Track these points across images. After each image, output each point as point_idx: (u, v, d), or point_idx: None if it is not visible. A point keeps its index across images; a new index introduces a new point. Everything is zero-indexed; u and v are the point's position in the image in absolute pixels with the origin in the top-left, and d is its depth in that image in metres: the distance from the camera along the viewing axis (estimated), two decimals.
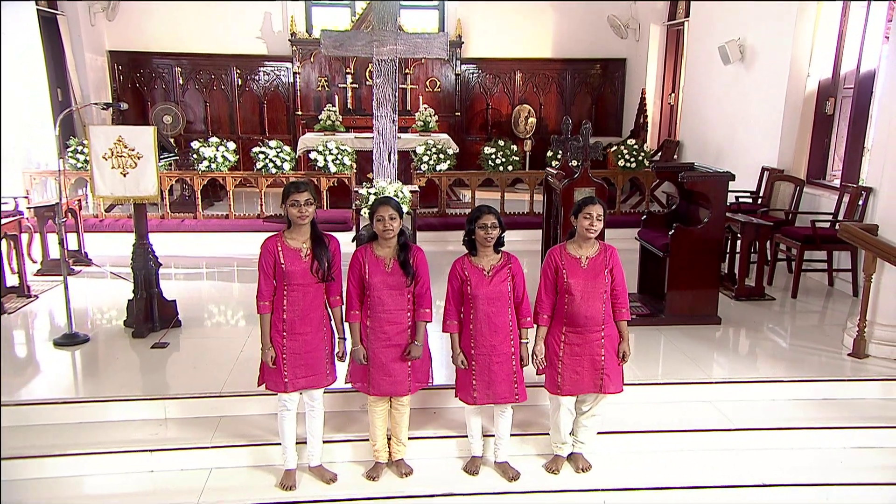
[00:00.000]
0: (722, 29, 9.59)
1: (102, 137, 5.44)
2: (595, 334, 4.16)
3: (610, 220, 8.86)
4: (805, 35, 8.03)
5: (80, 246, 8.11)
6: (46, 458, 4.34)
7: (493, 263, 4.18)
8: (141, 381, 5.08)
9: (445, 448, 4.58)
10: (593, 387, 4.22)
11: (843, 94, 7.95)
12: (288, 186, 4.08)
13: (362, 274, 4.11)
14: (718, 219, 6.05)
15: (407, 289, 4.14)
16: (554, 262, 4.21)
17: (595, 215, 4.10)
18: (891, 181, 5.46)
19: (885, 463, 4.67)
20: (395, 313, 4.13)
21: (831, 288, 7.31)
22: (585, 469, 4.44)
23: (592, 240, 4.20)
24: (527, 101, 13.44)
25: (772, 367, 5.43)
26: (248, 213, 9.57)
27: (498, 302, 4.15)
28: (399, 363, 4.17)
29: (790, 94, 8.22)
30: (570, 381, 4.20)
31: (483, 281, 4.14)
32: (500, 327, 4.16)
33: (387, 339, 4.13)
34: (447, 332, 4.25)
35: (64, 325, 5.72)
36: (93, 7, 11.69)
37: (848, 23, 7.75)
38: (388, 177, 7.78)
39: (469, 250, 4.24)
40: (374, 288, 4.09)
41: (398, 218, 4.09)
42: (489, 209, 4.16)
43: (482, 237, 4.10)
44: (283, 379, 4.08)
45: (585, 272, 4.15)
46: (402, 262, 4.11)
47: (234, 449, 4.45)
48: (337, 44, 7.69)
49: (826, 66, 8.03)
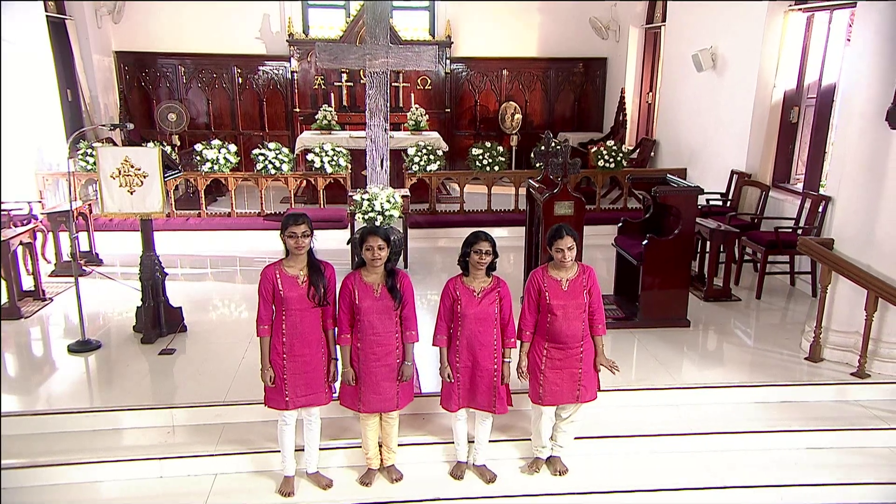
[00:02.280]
0: (695, 36, 9.57)
1: (110, 158, 5.45)
2: (575, 349, 4.25)
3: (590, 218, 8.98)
4: (772, 47, 8.04)
5: (92, 247, 8.13)
6: (63, 466, 4.42)
7: (483, 286, 4.24)
8: (150, 388, 5.14)
9: (433, 453, 4.67)
10: (572, 397, 4.32)
11: (807, 103, 8.01)
12: (286, 218, 4.11)
13: (352, 299, 4.16)
14: (688, 229, 6.13)
15: (394, 312, 4.20)
16: (537, 283, 4.28)
17: (566, 248, 4.16)
18: (846, 198, 5.53)
19: (838, 462, 4.79)
20: (383, 335, 4.19)
21: (793, 288, 7.40)
22: (562, 473, 4.55)
23: (569, 265, 4.26)
24: (513, 98, 13.39)
25: (735, 370, 5.54)
26: (249, 211, 9.59)
27: (485, 322, 4.22)
28: (388, 382, 4.23)
29: (758, 103, 8.25)
30: (551, 392, 4.30)
31: (472, 301, 4.20)
32: (484, 345, 4.23)
33: (376, 360, 4.19)
34: (436, 345, 4.33)
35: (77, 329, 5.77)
36: (99, 10, 11.57)
37: (811, 37, 7.78)
38: (380, 183, 7.80)
39: (462, 270, 4.29)
40: (364, 312, 4.15)
41: (386, 247, 4.14)
42: (486, 236, 4.21)
43: (475, 261, 4.17)
44: (284, 398, 4.15)
45: (566, 293, 4.22)
46: (390, 287, 4.17)
47: (237, 456, 4.53)
48: (332, 56, 7.66)
49: (791, 77, 8.06)
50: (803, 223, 7.15)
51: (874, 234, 5.30)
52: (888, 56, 4.99)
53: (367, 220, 7.41)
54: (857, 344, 5.41)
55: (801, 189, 7.80)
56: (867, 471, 4.70)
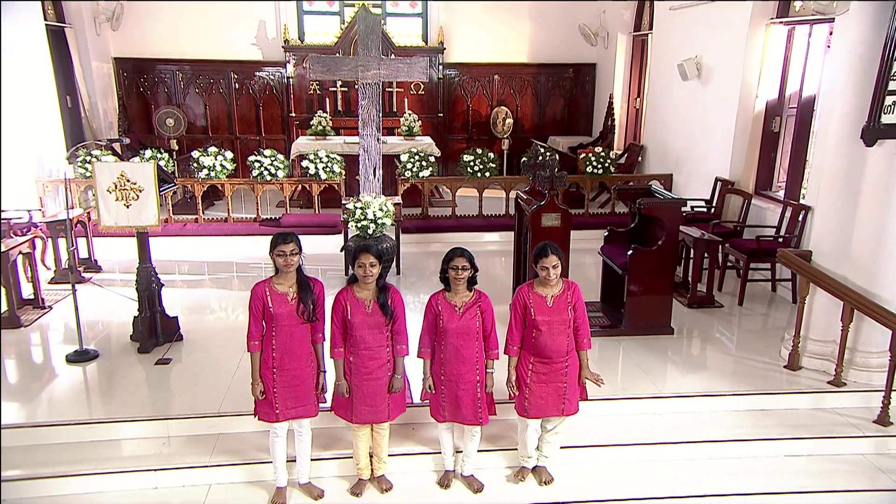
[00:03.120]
0: (681, 45, 9.58)
1: (107, 172, 5.45)
2: (559, 364, 4.27)
3: (579, 223, 9.02)
4: (754, 58, 8.07)
5: (90, 253, 8.11)
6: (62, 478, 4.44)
7: (465, 300, 4.26)
8: (147, 398, 5.14)
9: (422, 463, 4.71)
10: (557, 410, 4.35)
11: (788, 112, 8.05)
12: (275, 237, 4.12)
13: (345, 315, 4.18)
14: (671, 240, 6.15)
15: (386, 327, 4.22)
16: (523, 300, 4.29)
17: (550, 266, 4.17)
18: (824, 212, 5.55)
19: (814, 469, 4.84)
20: (375, 349, 4.21)
21: (774, 294, 7.44)
22: (548, 482, 4.59)
23: (554, 283, 4.27)
24: (504, 103, 13.40)
25: (717, 379, 5.57)
26: (245, 217, 9.59)
27: (467, 336, 4.24)
28: (380, 394, 4.26)
29: (741, 112, 8.27)
30: (536, 405, 4.33)
31: (454, 316, 4.23)
32: (467, 359, 4.26)
33: (368, 373, 4.22)
34: (421, 357, 4.36)
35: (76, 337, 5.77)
36: (98, 17, 11.51)
37: (793, 49, 7.80)
38: (373, 191, 7.80)
39: (444, 286, 4.31)
40: (356, 327, 4.17)
41: (378, 264, 4.16)
42: (462, 252, 4.23)
43: (453, 277, 4.20)
44: (274, 410, 4.17)
45: (551, 309, 4.24)
46: (382, 303, 4.19)
47: (231, 467, 4.55)
48: (325, 68, 7.65)
49: (773, 88, 8.09)
50: (784, 232, 7.18)
51: (850, 247, 5.34)
52: (862, 75, 5.00)
53: (359, 227, 7.41)
54: (835, 353, 5.45)
55: (783, 197, 7.84)
56: (842, 478, 4.75)
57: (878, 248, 5.22)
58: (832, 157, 5.40)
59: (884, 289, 5.26)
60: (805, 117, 7.67)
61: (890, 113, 4.86)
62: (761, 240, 7.00)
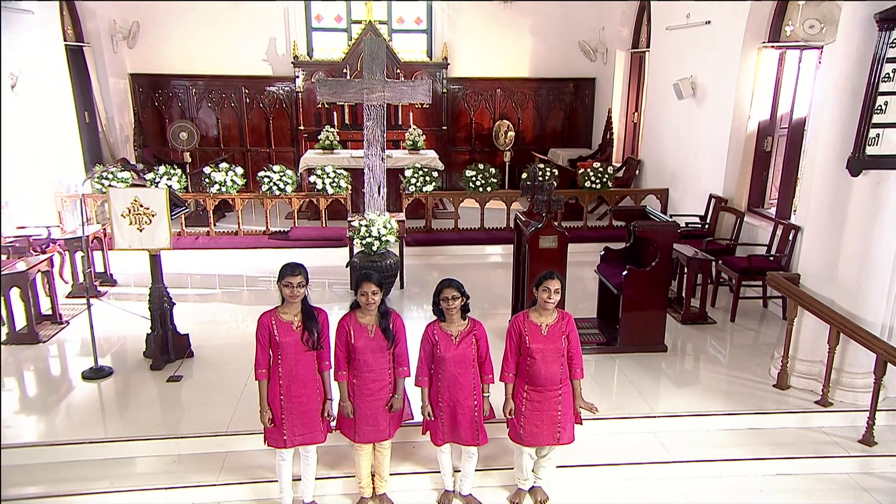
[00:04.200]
0: (677, 64, 9.60)
1: (121, 198, 5.51)
2: (553, 392, 4.29)
3: (577, 236, 9.04)
4: (747, 80, 8.07)
5: (106, 267, 8.18)
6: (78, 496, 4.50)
7: (460, 329, 4.30)
8: (158, 416, 5.20)
9: (422, 482, 4.75)
10: (552, 439, 4.36)
11: (780, 133, 8.07)
12: (283, 269, 4.16)
13: (348, 339, 4.23)
14: (665, 261, 6.17)
15: (388, 351, 4.27)
16: (518, 328, 4.32)
17: (553, 289, 4.20)
18: (811, 236, 5.57)
19: (800, 488, 4.86)
20: (377, 372, 4.26)
21: (765, 310, 7.46)
22: (544, 502, 4.62)
23: (551, 309, 4.30)
24: (506, 116, 13.42)
25: (709, 397, 5.59)
26: (255, 229, 9.64)
27: (463, 364, 4.28)
28: (382, 414, 4.32)
29: (734, 131, 8.28)
30: (531, 433, 4.34)
31: (451, 345, 4.26)
32: (464, 385, 4.30)
33: (370, 395, 4.27)
34: (419, 385, 4.39)
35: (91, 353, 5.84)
36: (115, 36, 11.58)
37: (784, 72, 7.81)
38: (377, 209, 7.84)
39: (438, 317, 4.34)
40: (359, 351, 4.22)
41: (379, 292, 4.21)
42: (450, 283, 4.26)
43: (445, 308, 4.24)
44: (282, 437, 4.23)
45: (545, 338, 4.27)
46: (384, 328, 4.24)
47: (238, 486, 4.60)
48: (332, 91, 7.70)
49: (765, 109, 8.10)
50: (775, 250, 7.20)
51: (837, 271, 5.36)
52: (848, 107, 5.02)
53: (364, 244, 7.46)
54: (822, 373, 5.46)
55: (775, 214, 7.85)
56: (827, 497, 4.78)
57: (863, 272, 5.23)
58: (819, 183, 5.42)
59: (868, 311, 5.28)
60: (796, 138, 7.69)
61: (874, 145, 4.88)
62: (753, 258, 7.02)
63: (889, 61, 4.71)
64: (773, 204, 8.19)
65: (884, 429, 5.25)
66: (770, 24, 7.82)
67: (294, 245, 9.07)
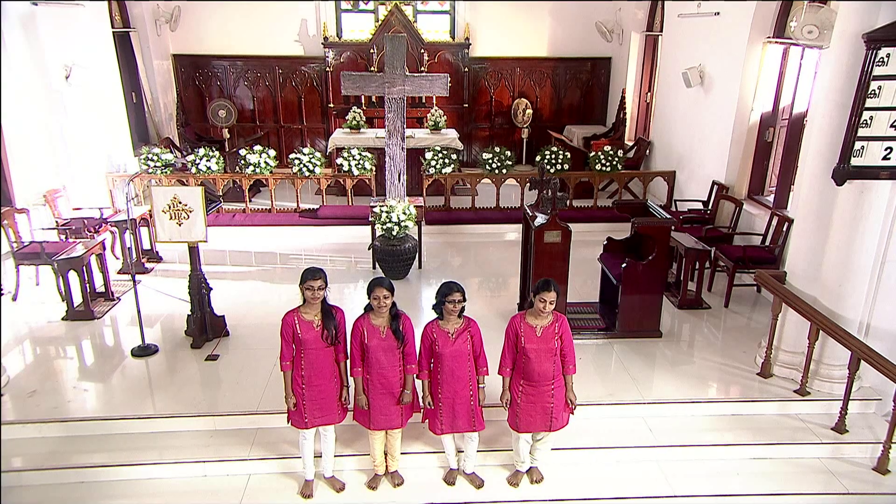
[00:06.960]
0: (687, 51, 9.45)
1: (162, 196, 5.75)
2: (546, 387, 4.48)
3: (587, 215, 9.11)
4: (751, 73, 7.96)
5: (153, 245, 8.48)
6: (132, 466, 4.88)
7: (456, 327, 4.49)
8: (199, 394, 5.53)
9: (430, 461, 5.02)
10: (544, 427, 4.58)
11: (781, 124, 7.96)
12: (305, 273, 4.38)
13: (362, 339, 4.45)
14: (662, 255, 6.25)
15: (398, 350, 4.49)
16: (514, 329, 4.50)
17: (548, 301, 4.35)
18: (798, 236, 5.62)
19: (775, 471, 5.02)
20: (388, 369, 4.49)
21: (759, 295, 7.49)
22: (539, 481, 4.87)
23: (546, 315, 4.45)
24: (524, 94, 13.31)
25: (697, 384, 5.73)
26: (286, 206, 9.87)
27: (460, 359, 4.48)
28: (393, 406, 4.57)
29: (737, 121, 8.20)
30: (526, 421, 4.57)
31: (448, 342, 4.46)
32: (461, 378, 4.51)
33: (383, 389, 4.52)
34: (420, 379, 4.62)
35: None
36: (158, 20, 11.70)
37: (787, 67, 7.67)
38: (398, 195, 7.98)
39: (437, 315, 4.52)
40: (372, 350, 4.44)
41: (391, 296, 4.40)
42: (457, 287, 4.43)
43: (449, 309, 4.41)
44: (303, 419, 4.51)
45: (539, 339, 4.44)
46: (395, 329, 4.45)
47: (267, 461, 4.92)
48: (355, 85, 7.77)
49: (767, 101, 7.99)
50: (769, 241, 7.21)
51: (821, 271, 5.41)
52: (837, 120, 5.00)
53: (385, 229, 7.64)
54: (803, 363, 5.56)
55: (773, 202, 7.83)
56: (798, 481, 4.94)
57: (845, 273, 5.28)
58: (807, 189, 5.44)
59: (848, 310, 5.35)
60: (795, 131, 7.59)
61: (859, 156, 4.87)
62: (748, 248, 7.05)
63: (875, 79, 4.67)
64: (772, 191, 8.15)
65: (856, 417, 5.38)
66: (775, 20, 7.66)
67: (322, 223, 9.30)
